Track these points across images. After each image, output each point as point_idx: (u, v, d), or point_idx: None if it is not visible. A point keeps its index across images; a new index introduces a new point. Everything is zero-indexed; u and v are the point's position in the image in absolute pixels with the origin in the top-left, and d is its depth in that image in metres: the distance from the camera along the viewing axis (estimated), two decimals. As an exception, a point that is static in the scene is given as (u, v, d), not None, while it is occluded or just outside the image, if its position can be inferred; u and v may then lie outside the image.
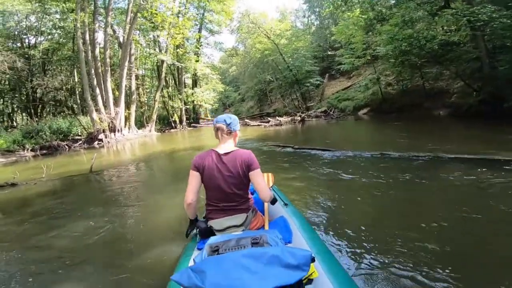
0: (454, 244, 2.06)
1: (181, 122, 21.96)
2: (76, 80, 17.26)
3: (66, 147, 13.06)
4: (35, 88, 17.95)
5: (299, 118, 15.54)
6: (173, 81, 24.00)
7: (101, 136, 13.82)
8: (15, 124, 19.02)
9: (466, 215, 2.45)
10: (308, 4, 30.57)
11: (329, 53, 24.58)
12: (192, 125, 22.58)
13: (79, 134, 14.53)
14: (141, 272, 2.11)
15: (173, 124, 21.51)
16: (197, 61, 22.09)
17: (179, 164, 7.13)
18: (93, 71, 14.22)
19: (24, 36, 19.38)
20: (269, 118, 17.25)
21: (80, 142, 13.74)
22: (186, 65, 20.65)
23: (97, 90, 14.28)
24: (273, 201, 1.73)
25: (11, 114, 20.62)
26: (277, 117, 17.56)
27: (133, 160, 8.06)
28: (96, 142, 13.65)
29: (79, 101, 18.94)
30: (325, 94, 22.10)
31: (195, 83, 24.73)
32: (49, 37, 19.83)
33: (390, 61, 13.27)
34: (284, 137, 10.76)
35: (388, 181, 3.64)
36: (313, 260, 1.04)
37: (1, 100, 18.82)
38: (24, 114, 20.56)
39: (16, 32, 18.45)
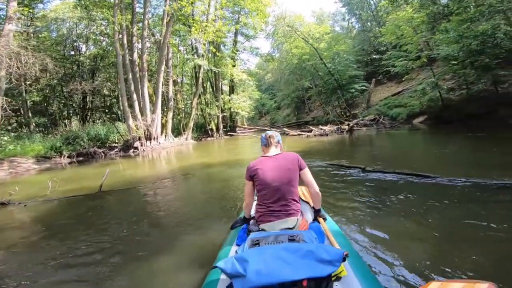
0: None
1: (217, 130, 20.47)
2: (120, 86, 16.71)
3: (102, 154, 12.13)
4: (85, 94, 17.87)
5: (346, 127, 13.00)
6: (211, 88, 22.85)
7: (137, 144, 12.70)
8: (68, 128, 19.13)
9: None
10: (347, 7, 27.80)
11: (374, 56, 21.62)
12: (228, 133, 21.03)
13: (116, 141, 13.64)
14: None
15: (209, 132, 20.11)
16: (233, 66, 20.58)
17: (211, 187, 5.24)
18: (130, 76, 13.25)
19: (75, 44, 19.69)
20: (310, 127, 14.90)
21: (116, 149, 12.76)
22: (222, 71, 19.17)
23: (134, 96, 13.27)
24: (324, 218, 1.78)
25: (66, 120, 20.97)
26: (320, 126, 15.15)
27: (158, 177, 6.41)
28: (132, 150, 12.57)
29: (121, 107, 18.51)
30: (371, 100, 19.17)
31: (232, 90, 23.31)
32: (97, 44, 19.93)
33: (452, 63, 10.85)
34: (335, 151, 8.42)
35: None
36: (344, 259, 1.05)
37: (51, 105, 18.79)
38: (74, 119, 20.78)
39: (68, 40, 18.70)
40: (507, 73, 9.77)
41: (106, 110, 21.96)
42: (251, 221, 1.74)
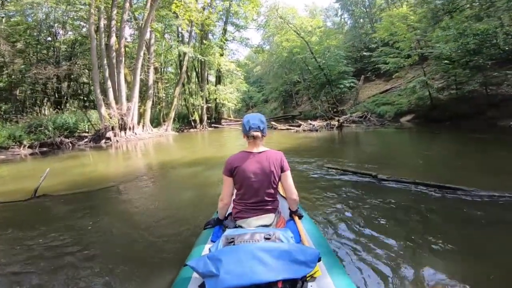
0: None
1: (201, 121, 19.12)
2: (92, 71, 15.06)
3: (70, 144, 10.71)
4: (57, 80, 16.07)
5: (336, 123, 12.22)
6: (196, 77, 21.38)
7: (110, 134, 11.33)
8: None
9: None
10: (341, 2, 26.95)
11: (364, 53, 20.97)
12: (213, 125, 19.80)
13: (87, 130, 12.18)
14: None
15: (192, 123, 18.76)
16: (221, 55, 19.19)
17: (186, 187, 4.20)
18: (105, 61, 11.74)
19: (52, 29, 17.74)
20: (299, 121, 14.05)
21: (86, 140, 11.33)
22: (209, 60, 17.77)
23: (109, 83, 11.80)
24: (300, 216, 1.69)
25: (36, 107, 18.95)
26: (308, 120, 14.32)
27: (122, 176, 5.28)
28: (104, 141, 11.20)
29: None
30: (359, 97, 18.58)
31: (218, 80, 21.95)
32: (75, 30, 18.05)
33: (445, 62, 10.47)
34: (327, 149, 7.58)
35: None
36: (319, 259, 1.03)
37: (22, 92, 16.85)
38: (47, 106, 18.80)
39: (45, 26, 16.78)
40: (499, 74, 9.32)
41: (85, 98, 20.15)
42: (227, 220, 1.65)
